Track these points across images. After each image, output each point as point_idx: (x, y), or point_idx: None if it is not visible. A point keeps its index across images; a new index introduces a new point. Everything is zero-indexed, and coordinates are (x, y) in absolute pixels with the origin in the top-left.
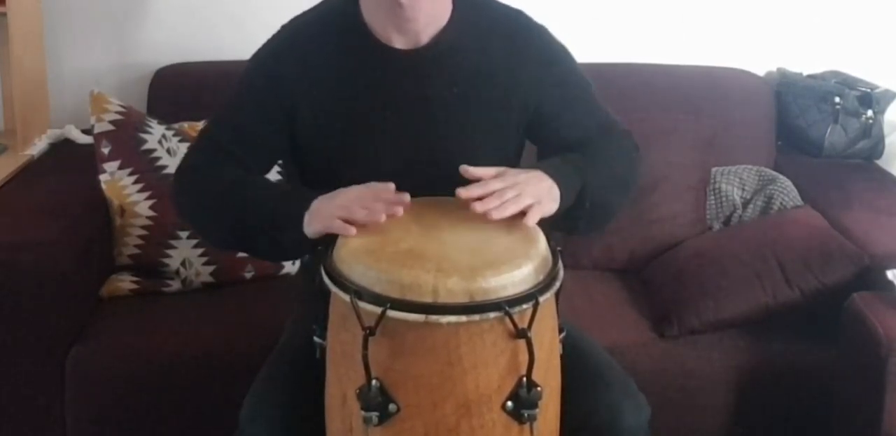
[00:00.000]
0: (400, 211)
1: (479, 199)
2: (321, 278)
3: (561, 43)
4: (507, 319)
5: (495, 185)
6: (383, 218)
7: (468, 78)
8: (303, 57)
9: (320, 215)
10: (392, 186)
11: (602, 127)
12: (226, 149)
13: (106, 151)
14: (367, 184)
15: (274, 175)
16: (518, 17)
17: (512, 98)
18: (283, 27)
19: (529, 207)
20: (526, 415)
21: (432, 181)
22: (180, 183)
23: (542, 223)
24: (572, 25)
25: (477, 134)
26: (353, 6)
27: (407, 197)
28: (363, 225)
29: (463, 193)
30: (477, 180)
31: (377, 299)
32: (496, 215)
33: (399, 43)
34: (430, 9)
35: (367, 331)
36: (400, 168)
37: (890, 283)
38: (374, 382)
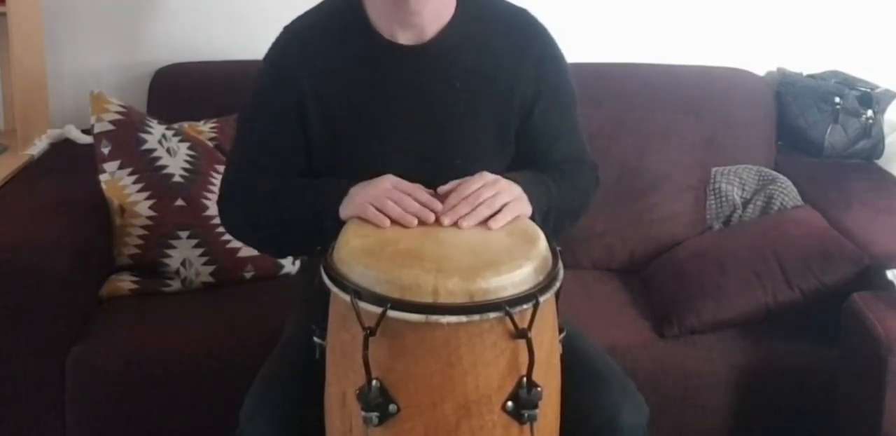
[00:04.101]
0: (431, 217)
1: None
2: (321, 278)
3: (559, 48)
4: (508, 320)
5: (473, 185)
6: (415, 222)
7: (471, 74)
8: (309, 55)
9: (354, 202)
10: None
11: (578, 151)
12: (256, 164)
13: (106, 150)
14: (401, 180)
15: None
16: (523, 14)
17: (514, 94)
18: (286, 28)
19: (505, 205)
20: (526, 415)
21: (436, 176)
22: (224, 209)
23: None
24: (572, 25)
25: (479, 129)
26: (356, 3)
27: (438, 205)
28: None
29: (443, 207)
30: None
31: (377, 300)
32: (466, 224)
33: (403, 39)
34: (435, 3)
35: (368, 331)
36: (404, 163)
37: (890, 283)
38: (374, 382)
